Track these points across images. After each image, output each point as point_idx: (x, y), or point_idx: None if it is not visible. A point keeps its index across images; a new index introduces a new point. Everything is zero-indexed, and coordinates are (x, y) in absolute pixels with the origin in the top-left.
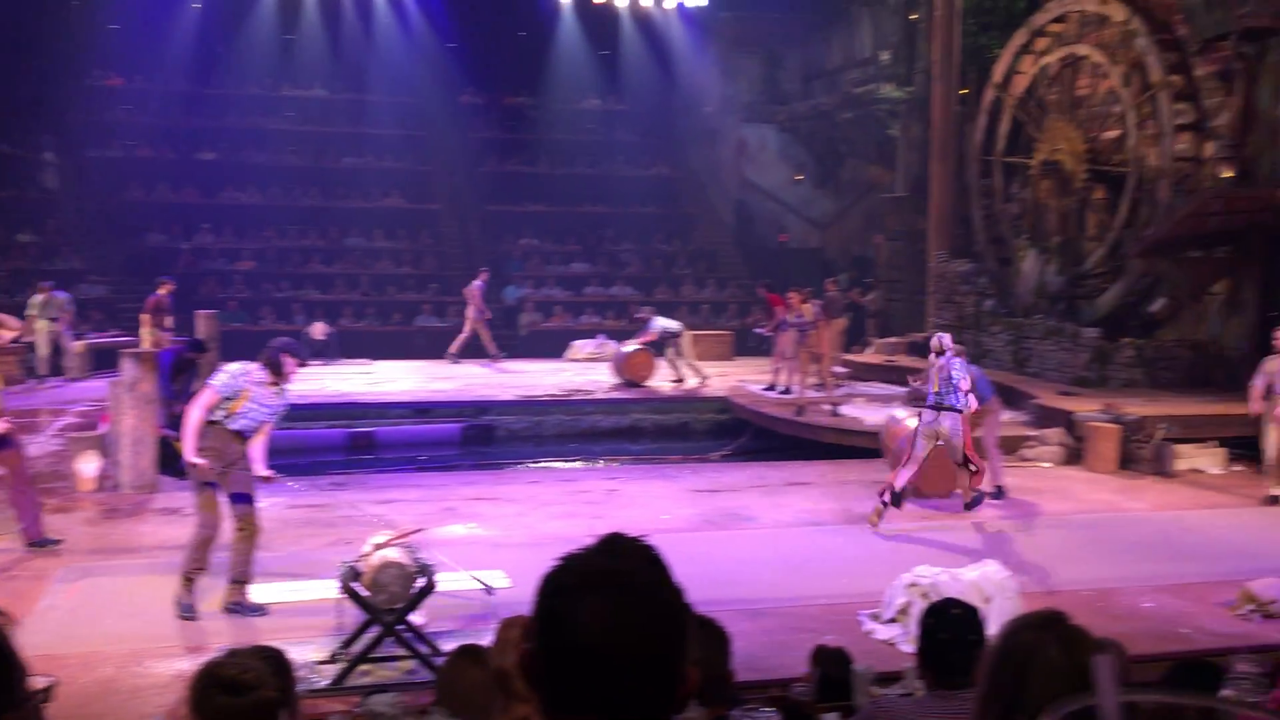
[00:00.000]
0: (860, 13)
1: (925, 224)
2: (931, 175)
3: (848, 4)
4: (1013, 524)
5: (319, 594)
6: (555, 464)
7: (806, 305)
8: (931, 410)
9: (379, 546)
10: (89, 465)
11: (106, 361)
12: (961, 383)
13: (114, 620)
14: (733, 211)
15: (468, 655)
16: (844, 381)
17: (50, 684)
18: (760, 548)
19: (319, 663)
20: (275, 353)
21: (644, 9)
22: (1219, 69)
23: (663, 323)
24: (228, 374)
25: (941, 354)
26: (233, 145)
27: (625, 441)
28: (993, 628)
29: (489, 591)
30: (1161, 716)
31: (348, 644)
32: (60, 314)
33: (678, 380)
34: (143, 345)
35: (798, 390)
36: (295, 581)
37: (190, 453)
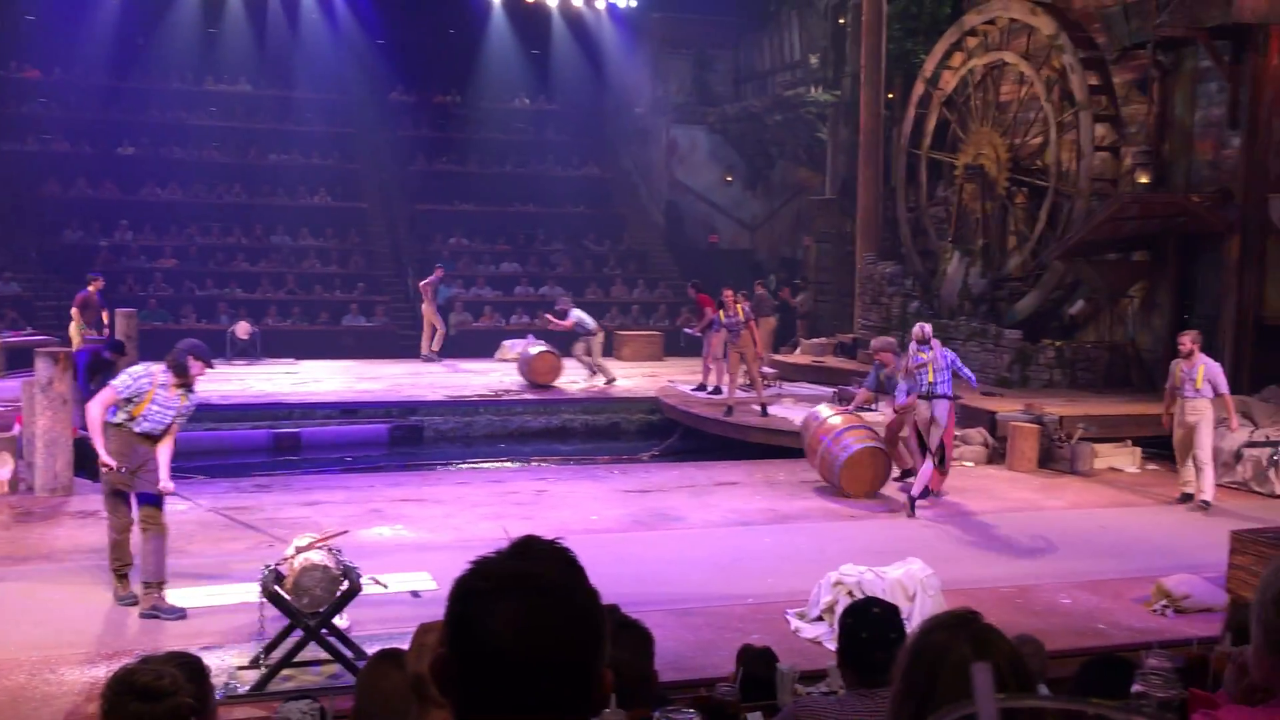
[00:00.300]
0: (790, 16)
1: (853, 226)
2: (859, 178)
3: (777, 7)
4: (936, 522)
5: (240, 597)
6: (484, 465)
7: (740, 305)
8: (924, 401)
9: (302, 549)
10: (1, 468)
11: (21, 361)
12: (960, 365)
13: (27, 627)
14: (663, 212)
15: (388, 659)
16: (773, 382)
17: None
18: (689, 548)
19: (240, 668)
20: (180, 354)
21: (575, 9)
22: (1136, 77)
23: (580, 314)
24: (129, 375)
25: (926, 343)
26: (154, 141)
27: (555, 442)
28: (916, 625)
29: (415, 595)
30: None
31: (270, 649)
32: None
33: (591, 376)
34: (73, 344)
35: (726, 390)
36: (216, 585)
37: (104, 455)
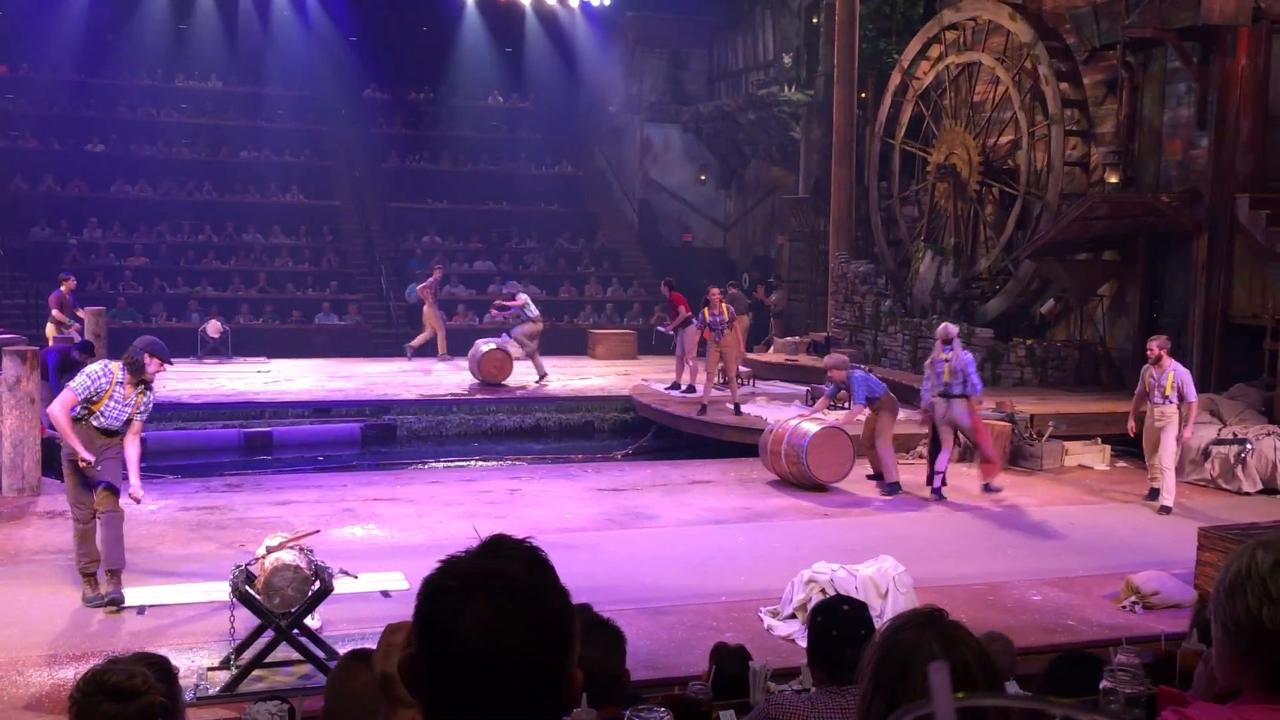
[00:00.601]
0: (763, 15)
1: (826, 225)
2: (833, 177)
3: (751, 6)
4: (908, 520)
5: (210, 596)
6: (457, 464)
7: (725, 305)
8: (942, 399)
9: (273, 549)
10: None
11: None
12: (971, 372)
13: None
14: (637, 211)
15: (358, 659)
16: (746, 380)
17: None
18: (662, 546)
19: (211, 669)
20: (137, 352)
21: (548, 6)
22: (1106, 78)
23: (527, 299)
24: (88, 377)
25: (949, 344)
26: (123, 137)
27: (528, 441)
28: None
29: (386, 595)
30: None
31: (241, 649)
32: None
33: (542, 377)
34: (49, 343)
35: (702, 389)
36: (186, 585)
37: (84, 452)
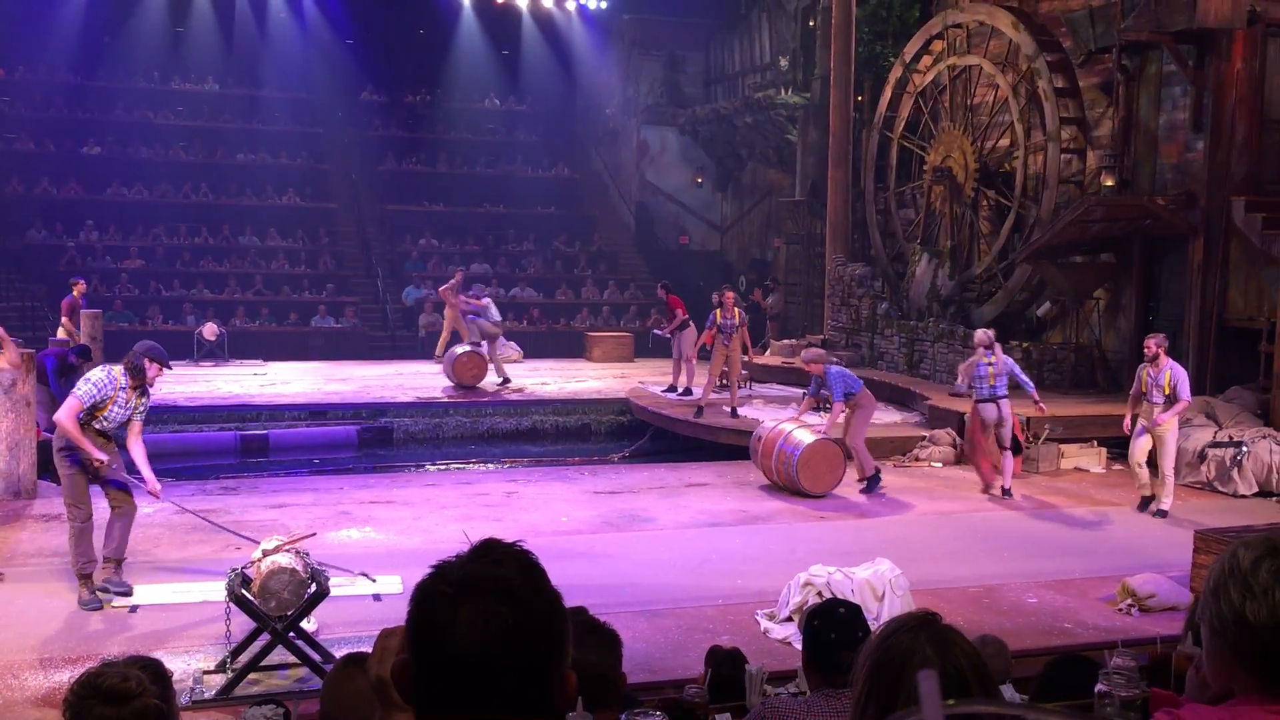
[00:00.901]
0: (760, 18)
1: (823, 228)
2: (829, 180)
3: (748, 9)
4: (904, 522)
5: (205, 596)
6: (454, 466)
7: (737, 309)
8: (992, 404)
9: (269, 552)
10: None
11: None
12: (1019, 372)
13: None
14: (633, 213)
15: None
16: (743, 383)
17: None
18: (659, 549)
19: (206, 672)
20: (137, 357)
21: (545, 9)
22: (1101, 81)
23: (489, 303)
24: (93, 385)
25: (990, 348)
26: (119, 140)
27: (525, 443)
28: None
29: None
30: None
31: (237, 653)
32: None
33: (504, 381)
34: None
35: (703, 390)
36: (182, 588)
37: (97, 454)
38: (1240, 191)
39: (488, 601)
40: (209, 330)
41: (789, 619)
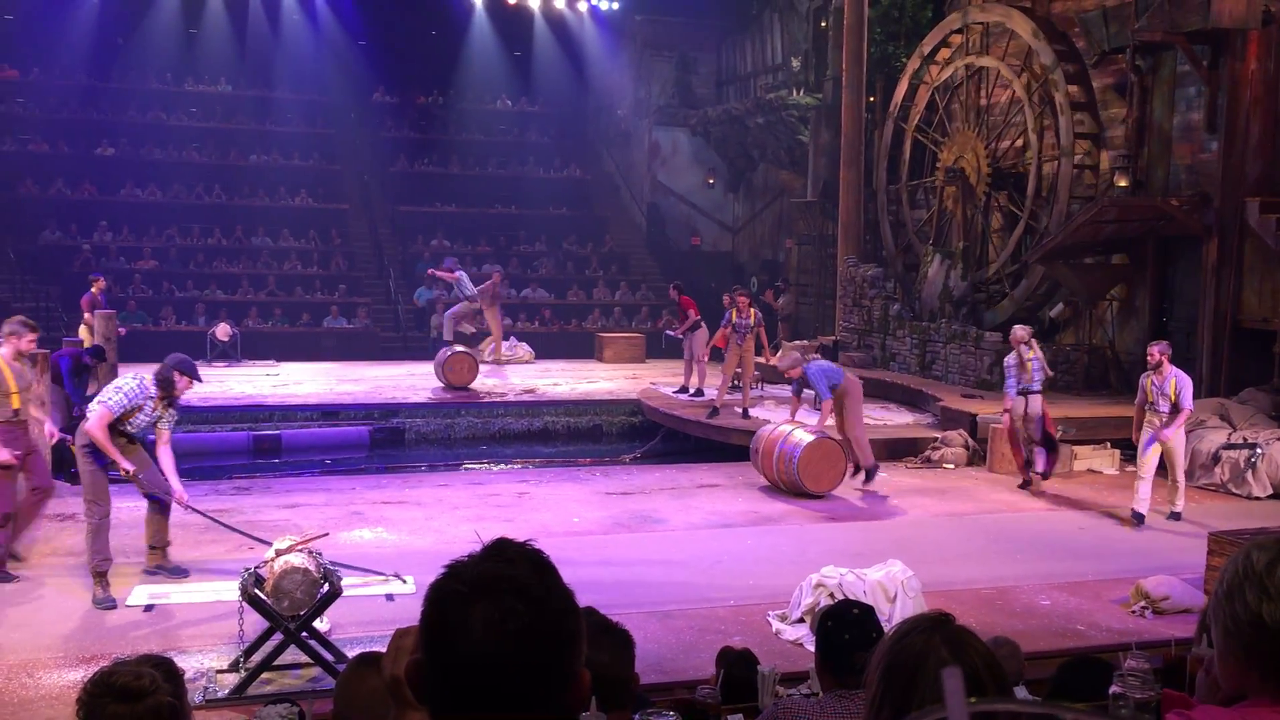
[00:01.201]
0: (772, 19)
1: (835, 229)
2: (841, 181)
3: (760, 10)
4: (916, 524)
5: (218, 595)
6: (465, 467)
7: (753, 310)
8: (1021, 397)
9: (282, 552)
10: None
11: None
12: (1044, 366)
13: (4, 630)
14: (645, 214)
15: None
16: (755, 384)
17: None
18: (670, 550)
19: (220, 672)
20: (167, 370)
21: (557, 11)
22: (1115, 81)
23: (465, 276)
24: (122, 395)
25: (1029, 344)
26: (133, 141)
27: (536, 444)
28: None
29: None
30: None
31: (250, 652)
32: None
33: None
34: (85, 345)
35: (716, 391)
36: (195, 587)
37: (124, 463)
38: (1255, 192)
39: (501, 600)
40: (222, 331)
41: (801, 620)
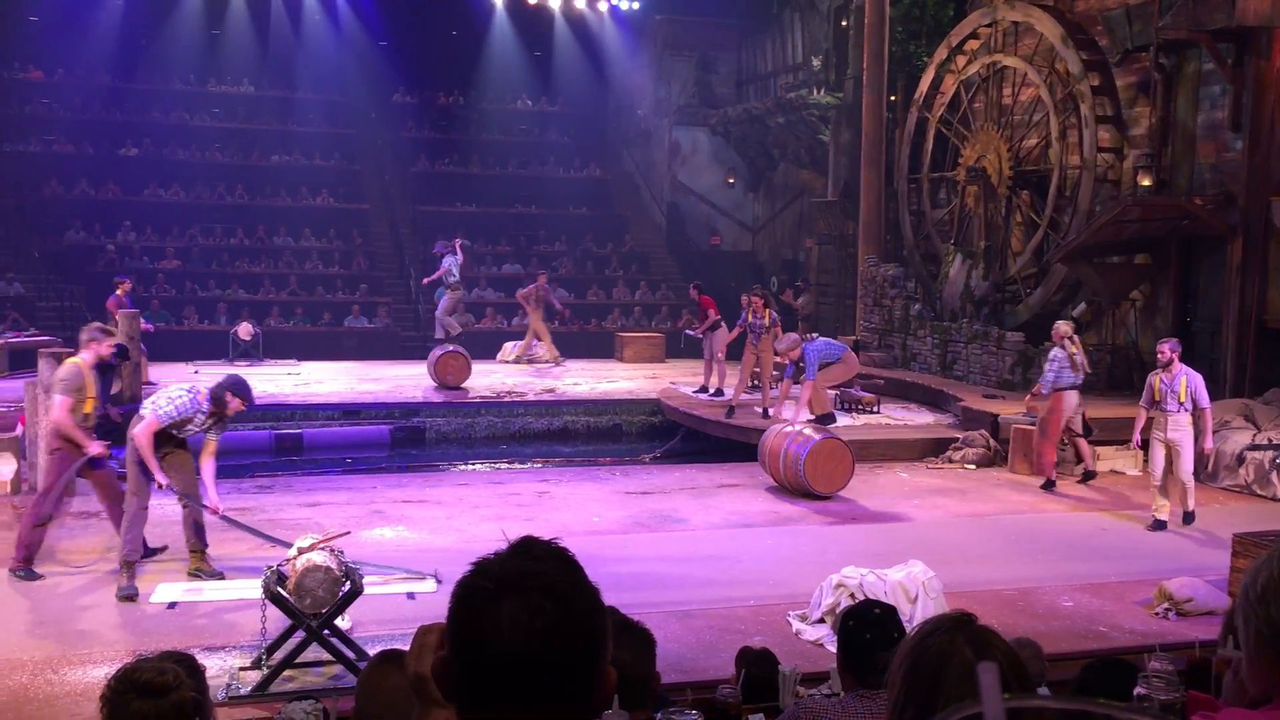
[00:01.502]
0: (792, 18)
1: (855, 228)
2: (862, 180)
3: (780, 9)
4: (937, 524)
5: (241, 593)
6: (485, 466)
7: (768, 310)
8: (1074, 392)
9: (304, 550)
10: (4, 468)
11: (24, 362)
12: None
13: (28, 627)
14: (665, 214)
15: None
16: (775, 384)
17: None
18: (690, 549)
19: (242, 669)
20: (221, 389)
21: (577, 10)
22: (1138, 80)
23: (450, 265)
24: (174, 407)
25: (1071, 339)
26: (156, 142)
27: (556, 443)
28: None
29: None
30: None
31: (272, 650)
32: None
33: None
34: None
35: (733, 391)
36: (218, 585)
37: (160, 476)
38: None
39: (529, 597)
40: (244, 330)
41: (821, 620)
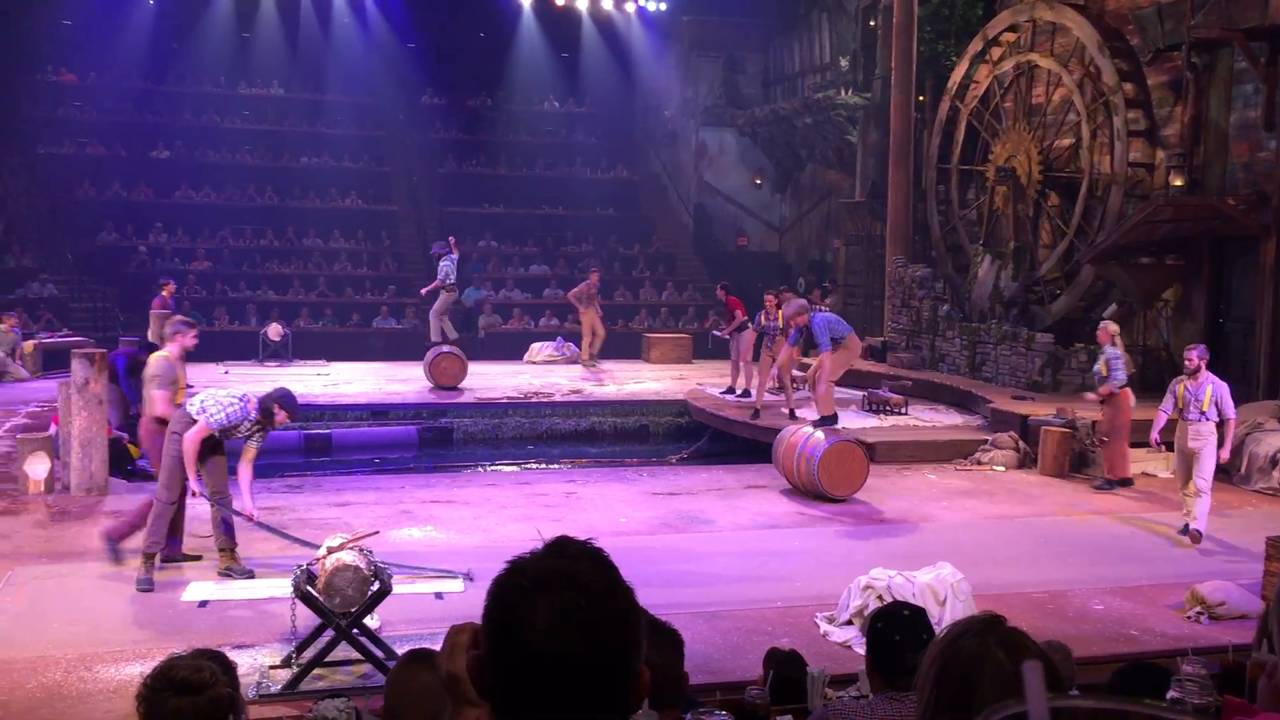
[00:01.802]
0: (820, 18)
1: (883, 229)
2: (890, 181)
3: (807, 9)
4: (966, 526)
5: (271, 592)
6: (513, 466)
7: (781, 310)
8: (1127, 389)
9: (334, 549)
10: (38, 467)
11: (57, 362)
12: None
13: (61, 625)
14: (692, 215)
15: (418, 659)
16: (801, 385)
17: None
18: (717, 550)
19: (272, 667)
20: (268, 400)
21: (605, 12)
22: (1170, 79)
23: (448, 270)
24: (224, 415)
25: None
26: (187, 144)
27: (584, 444)
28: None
29: (438, 597)
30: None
31: (301, 648)
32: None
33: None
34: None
35: (755, 393)
36: (248, 584)
37: (195, 484)
38: None
39: (564, 596)
40: (274, 331)
41: (849, 622)
